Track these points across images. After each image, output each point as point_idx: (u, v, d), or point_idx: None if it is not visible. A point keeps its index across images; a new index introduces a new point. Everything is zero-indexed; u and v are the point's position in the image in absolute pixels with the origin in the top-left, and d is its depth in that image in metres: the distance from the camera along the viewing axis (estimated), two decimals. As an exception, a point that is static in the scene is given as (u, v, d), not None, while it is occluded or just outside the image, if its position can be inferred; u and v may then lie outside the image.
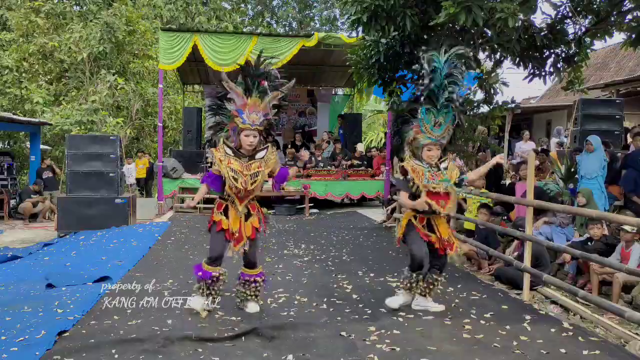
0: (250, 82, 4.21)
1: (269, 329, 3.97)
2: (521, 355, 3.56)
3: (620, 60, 16.74)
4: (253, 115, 4.17)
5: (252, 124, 4.17)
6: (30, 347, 3.58)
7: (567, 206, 6.12)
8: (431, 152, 4.30)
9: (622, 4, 6.45)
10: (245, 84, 4.21)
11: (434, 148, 4.29)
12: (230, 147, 4.26)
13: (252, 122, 4.17)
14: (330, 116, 16.72)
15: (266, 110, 4.24)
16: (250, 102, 4.17)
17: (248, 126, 4.17)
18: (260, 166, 4.24)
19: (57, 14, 16.68)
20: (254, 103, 4.18)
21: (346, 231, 9.05)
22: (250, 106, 4.17)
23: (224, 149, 4.23)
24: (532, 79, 7.03)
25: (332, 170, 12.15)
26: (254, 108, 4.18)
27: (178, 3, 20.64)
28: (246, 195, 4.27)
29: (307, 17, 29.11)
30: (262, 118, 4.22)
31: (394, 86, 7.37)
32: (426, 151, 4.30)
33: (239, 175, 4.15)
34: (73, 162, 9.26)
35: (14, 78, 14.84)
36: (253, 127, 4.18)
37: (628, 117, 12.21)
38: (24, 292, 5.14)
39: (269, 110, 4.26)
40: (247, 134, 4.19)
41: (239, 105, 4.18)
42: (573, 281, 5.61)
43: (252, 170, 4.20)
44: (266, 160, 4.28)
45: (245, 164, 4.20)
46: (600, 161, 7.18)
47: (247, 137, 4.19)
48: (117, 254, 6.80)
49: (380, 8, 6.17)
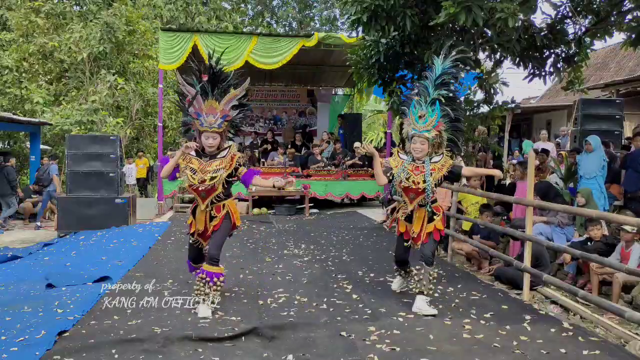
0: (205, 84, 4.31)
1: (269, 329, 3.97)
2: (521, 355, 3.56)
3: (620, 60, 16.74)
4: (210, 118, 4.28)
5: (210, 126, 4.29)
6: (30, 347, 3.58)
7: (567, 206, 6.12)
8: (415, 145, 4.42)
9: (622, 4, 6.45)
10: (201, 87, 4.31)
11: (418, 141, 4.41)
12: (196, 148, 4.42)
13: (210, 124, 4.29)
14: (330, 116, 16.72)
15: (225, 111, 4.32)
16: (206, 105, 4.29)
17: (206, 129, 4.30)
18: (222, 164, 4.34)
19: (57, 14, 16.67)
20: (210, 106, 4.29)
21: (346, 231, 9.05)
22: (207, 109, 4.29)
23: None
24: (532, 79, 7.03)
25: (332, 170, 12.15)
26: (211, 111, 4.29)
27: (178, 3, 20.63)
28: (207, 193, 4.33)
29: (307, 17, 29.10)
30: (220, 120, 4.30)
31: (394, 86, 7.37)
32: (412, 144, 4.47)
33: (196, 173, 4.30)
34: (73, 162, 9.26)
35: (14, 78, 14.83)
36: (211, 130, 4.30)
37: (628, 117, 12.20)
38: (24, 292, 5.14)
39: (227, 111, 4.34)
40: (207, 136, 4.33)
41: (197, 108, 4.31)
42: (573, 281, 5.61)
43: (213, 168, 4.31)
44: (228, 158, 4.37)
45: (205, 163, 4.34)
46: (599, 161, 7.18)
47: (206, 140, 4.34)
48: (117, 254, 6.80)
49: (380, 8, 6.17)
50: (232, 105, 4.37)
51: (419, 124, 4.41)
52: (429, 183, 4.38)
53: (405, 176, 4.44)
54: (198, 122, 4.33)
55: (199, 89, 4.31)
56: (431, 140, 4.41)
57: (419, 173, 4.42)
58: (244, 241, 7.95)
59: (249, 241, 7.97)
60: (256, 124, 15.96)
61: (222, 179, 4.32)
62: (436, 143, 4.48)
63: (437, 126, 4.40)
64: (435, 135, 4.42)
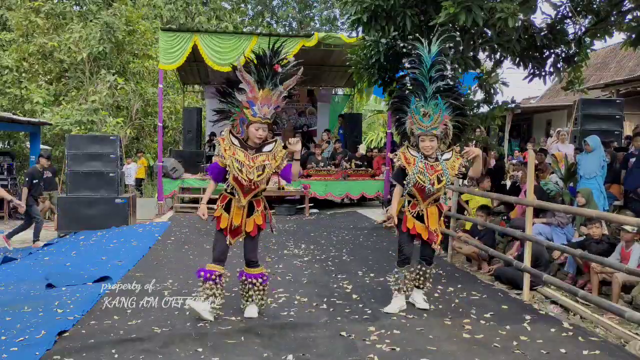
0: (264, 73, 4.07)
1: (269, 329, 3.98)
2: (521, 355, 3.56)
3: (620, 60, 16.74)
4: (265, 108, 4.07)
5: (264, 117, 4.07)
6: (30, 347, 3.58)
7: (567, 206, 6.12)
8: (424, 142, 4.31)
9: (622, 4, 6.45)
10: (258, 75, 4.07)
11: (426, 139, 4.30)
12: (237, 137, 4.15)
13: (264, 115, 4.07)
14: (330, 116, 16.73)
15: (277, 102, 4.14)
16: (262, 95, 4.06)
17: (259, 119, 4.06)
18: (268, 159, 4.12)
19: (57, 14, 16.69)
20: (266, 95, 4.06)
21: (346, 231, 9.05)
22: (263, 99, 4.06)
23: (230, 139, 4.13)
24: (532, 79, 7.03)
25: (332, 170, 12.15)
26: (266, 101, 4.07)
27: (178, 3, 20.63)
28: (251, 189, 4.10)
29: (307, 17, 29.11)
30: (273, 111, 4.13)
31: (394, 86, 7.36)
32: (420, 142, 4.35)
33: (244, 167, 4.04)
34: (73, 162, 9.25)
35: (14, 78, 14.84)
36: (264, 120, 4.08)
37: (628, 117, 12.20)
38: (24, 292, 5.14)
39: (280, 102, 4.16)
40: (257, 127, 4.08)
41: (250, 96, 4.06)
42: (573, 281, 5.61)
43: (258, 163, 4.08)
44: (274, 154, 4.16)
45: (252, 156, 4.09)
46: (599, 161, 7.19)
47: (257, 130, 4.08)
48: (117, 254, 6.80)
49: (380, 8, 6.17)
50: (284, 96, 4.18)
51: (424, 123, 4.30)
52: (448, 181, 4.30)
53: (420, 175, 4.29)
54: (250, 112, 4.04)
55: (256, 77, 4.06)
56: (440, 135, 4.34)
57: (433, 172, 4.29)
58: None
59: (249, 241, 7.96)
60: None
61: (269, 175, 4.15)
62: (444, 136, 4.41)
63: (443, 121, 4.32)
64: (442, 130, 4.34)
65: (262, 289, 4.31)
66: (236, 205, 4.15)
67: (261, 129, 4.09)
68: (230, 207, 4.16)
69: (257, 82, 4.06)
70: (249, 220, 4.20)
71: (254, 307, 4.32)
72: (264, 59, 4.07)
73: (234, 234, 4.24)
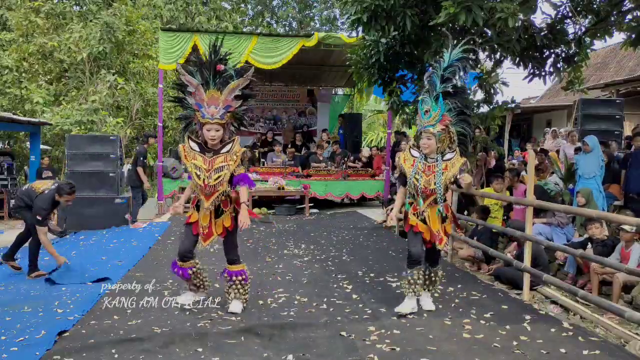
0: (206, 73, 4.11)
1: (268, 329, 3.98)
2: (521, 355, 3.56)
3: (620, 60, 16.76)
4: (212, 109, 4.08)
5: (212, 118, 4.08)
6: (30, 347, 3.58)
7: (567, 206, 6.13)
8: (423, 140, 4.30)
9: (622, 4, 6.45)
10: (201, 77, 4.12)
11: (424, 136, 4.29)
12: (197, 142, 4.22)
13: (212, 115, 4.08)
14: (330, 116, 16.73)
15: (227, 102, 4.12)
16: (208, 95, 4.10)
17: (208, 120, 4.09)
18: (226, 160, 4.14)
19: (57, 14, 16.67)
20: (211, 96, 4.09)
21: (346, 231, 9.05)
22: (209, 99, 4.09)
23: (189, 145, 4.22)
24: (532, 79, 7.03)
25: (332, 170, 12.16)
26: (213, 101, 4.09)
27: (178, 3, 20.62)
28: (212, 192, 4.14)
29: (307, 17, 29.10)
30: (223, 111, 4.10)
31: (394, 86, 7.37)
32: (420, 140, 4.35)
33: (201, 172, 4.10)
34: (73, 162, 9.25)
35: (14, 78, 14.82)
36: (213, 121, 4.09)
37: (628, 117, 12.20)
38: (24, 292, 5.14)
39: (230, 101, 4.14)
40: (209, 128, 4.11)
41: (198, 99, 4.12)
42: (573, 281, 5.61)
43: (216, 165, 4.12)
44: (232, 154, 4.16)
45: (209, 159, 4.14)
46: (597, 161, 7.19)
47: (208, 132, 4.12)
48: (117, 254, 6.80)
49: (380, 8, 6.17)
50: (235, 96, 4.17)
51: (424, 119, 4.31)
52: (438, 185, 4.24)
53: (417, 176, 4.30)
54: (199, 114, 4.12)
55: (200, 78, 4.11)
56: (438, 135, 4.26)
57: (430, 173, 4.28)
58: (244, 241, 7.95)
59: (249, 241, 7.96)
60: (256, 124, 15.96)
61: (227, 177, 4.14)
62: (445, 138, 4.31)
63: (443, 120, 4.25)
64: (442, 130, 4.26)
65: (242, 285, 4.37)
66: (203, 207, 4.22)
67: (213, 130, 4.10)
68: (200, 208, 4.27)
69: (203, 83, 4.10)
70: (217, 221, 4.25)
71: (238, 302, 4.38)
72: (203, 60, 4.13)
73: (205, 237, 4.28)
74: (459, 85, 4.34)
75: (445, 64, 4.33)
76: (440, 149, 4.32)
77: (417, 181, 4.28)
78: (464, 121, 4.39)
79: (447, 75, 4.31)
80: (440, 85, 4.29)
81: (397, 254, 7.07)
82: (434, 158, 4.32)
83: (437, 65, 4.39)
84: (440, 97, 4.24)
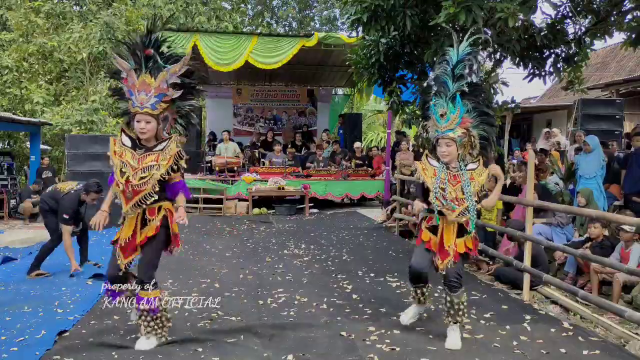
0: (139, 57, 3.53)
1: (268, 329, 3.98)
2: (521, 355, 3.56)
3: (620, 60, 16.76)
4: (142, 96, 3.46)
5: (141, 106, 3.46)
6: (30, 347, 3.58)
7: (567, 206, 6.12)
8: (441, 148, 3.76)
9: (622, 4, 6.44)
10: (134, 60, 3.54)
11: (443, 143, 3.74)
12: (130, 136, 3.62)
13: (141, 103, 3.46)
14: (330, 116, 16.75)
15: (161, 89, 3.48)
16: (139, 81, 3.48)
17: (137, 109, 3.48)
18: (157, 160, 3.50)
19: (57, 14, 16.67)
20: (143, 81, 3.47)
21: (346, 231, 9.05)
22: (140, 85, 3.47)
23: (121, 140, 3.61)
24: (532, 79, 7.02)
25: (332, 170, 12.16)
26: (144, 87, 3.46)
27: (178, 3, 20.61)
28: (134, 193, 3.50)
29: (307, 17, 29.11)
30: (155, 99, 3.47)
31: (394, 86, 7.36)
32: (438, 147, 3.80)
33: (127, 169, 3.49)
34: (73, 162, 9.24)
35: (14, 78, 14.82)
36: (142, 110, 3.46)
37: (628, 117, 12.20)
38: (24, 292, 5.14)
39: (165, 89, 3.50)
40: (138, 119, 3.49)
41: (129, 85, 3.51)
42: (573, 281, 5.61)
43: (145, 164, 3.50)
44: (165, 153, 3.53)
45: (139, 157, 3.52)
46: (598, 161, 7.19)
47: (137, 123, 3.50)
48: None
49: (380, 8, 6.16)
50: (174, 84, 3.53)
51: (440, 124, 3.74)
52: (468, 195, 3.67)
53: (442, 186, 3.73)
54: (130, 103, 3.51)
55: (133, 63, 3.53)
56: (459, 141, 3.72)
57: (456, 183, 3.72)
58: (244, 241, 7.95)
59: (249, 241, 7.97)
60: (256, 124, 15.97)
61: (155, 178, 3.48)
62: (467, 144, 3.77)
63: (463, 123, 3.71)
64: (463, 134, 3.73)
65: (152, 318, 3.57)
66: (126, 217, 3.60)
67: (143, 122, 3.49)
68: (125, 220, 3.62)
69: (135, 68, 3.53)
70: (143, 231, 3.62)
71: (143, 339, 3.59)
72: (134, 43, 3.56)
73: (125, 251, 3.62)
74: (474, 81, 3.79)
75: (455, 61, 3.80)
76: (461, 156, 3.80)
77: (444, 191, 3.72)
78: (485, 122, 3.84)
79: (459, 73, 3.77)
80: (454, 84, 3.77)
81: (397, 254, 7.07)
82: (457, 168, 3.79)
83: (444, 65, 3.87)
84: (457, 97, 3.71)
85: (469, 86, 3.77)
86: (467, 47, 3.81)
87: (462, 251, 3.74)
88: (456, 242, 3.75)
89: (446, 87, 3.80)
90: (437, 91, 3.85)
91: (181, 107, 3.66)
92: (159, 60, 3.54)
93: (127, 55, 3.56)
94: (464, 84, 3.75)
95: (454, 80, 3.78)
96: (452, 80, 3.79)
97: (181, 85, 3.58)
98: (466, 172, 3.75)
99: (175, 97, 3.56)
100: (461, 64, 3.78)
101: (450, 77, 3.80)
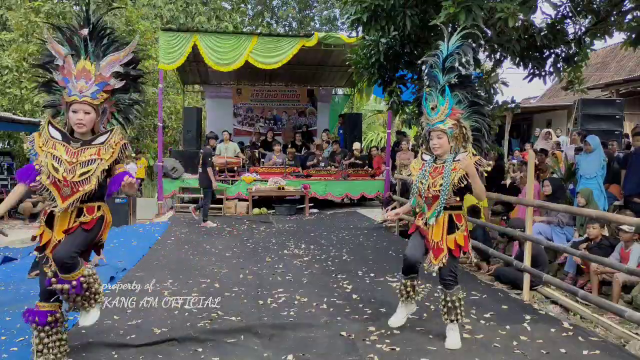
0: (77, 40, 3.20)
1: (268, 329, 3.98)
2: (521, 355, 3.56)
3: (620, 60, 16.76)
4: (81, 83, 3.12)
5: (80, 95, 3.10)
6: (30, 347, 3.57)
7: (567, 206, 6.12)
8: (433, 140, 3.76)
9: (622, 4, 6.44)
10: (70, 46, 3.20)
11: (434, 136, 3.74)
12: (60, 129, 3.22)
13: (80, 91, 3.10)
14: (330, 116, 16.75)
15: (103, 78, 3.17)
16: (78, 68, 3.14)
17: (75, 98, 3.10)
18: (98, 153, 3.14)
19: (57, 14, 16.67)
20: (82, 68, 3.14)
21: (346, 231, 9.05)
22: (78, 72, 3.13)
23: (49, 132, 3.19)
24: (532, 79, 7.02)
25: (332, 170, 12.16)
26: (83, 73, 3.13)
27: (178, 3, 20.65)
28: (72, 191, 3.09)
29: (307, 17, 29.13)
30: (96, 88, 3.14)
31: (394, 86, 7.36)
32: (430, 140, 3.80)
33: (62, 164, 3.09)
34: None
35: (14, 78, 14.83)
36: (81, 99, 3.10)
37: (628, 117, 12.20)
38: (24, 292, 5.14)
39: (107, 78, 3.18)
40: (75, 109, 3.11)
41: (65, 72, 3.15)
42: (573, 281, 5.61)
43: (83, 158, 3.12)
44: (108, 146, 3.17)
45: (75, 150, 3.13)
46: (599, 161, 7.19)
47: (74, 114, 3.12)
48: (117, 254, 6.79)
49: (380, 8, 6.16)
50: (116, 73, 3.22)
51: (431, 117, 3.76)
52: (444, 187, 3.65)
53: (423, 180, 3.77)
54: (66, 92, 3.13)
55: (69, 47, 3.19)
56: (450, 133, 3.69)
57: (437, 175, 3.74)
58: (244, 241, 7.96)
59: (249, 241, 7.97)
60: (256, 124, 15.97)
61: (98, 173, 3.11)
62: (458, 135, 3.73)
63: (453, 114, 3.70)
64: (453, 126, 3.70)
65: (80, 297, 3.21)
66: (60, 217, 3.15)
67: (81, 112, 3.11)
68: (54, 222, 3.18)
69: (73, 53, 3.20)
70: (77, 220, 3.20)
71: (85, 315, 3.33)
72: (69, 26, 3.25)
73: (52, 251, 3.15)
74: (463, 73, 3.77)
75: (445, 55, 3.80)
76: (455, 149, 3.75)
77: (422, 184, 3.78)
78: (477, 113, 3.82)
79: (449, 65, 3.76)
80: (444, 76, 3.77)
81: (397, 254, 7.07)
82: (444, 160, 3.76)
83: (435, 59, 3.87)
84: (447, 89, 3.72)
85: (459, 78, 3.76)
86: (457, 41, 3.81)
87: (452, 247, 3.70)
88: (447, 238, 3.72)
89: (436, 80, 3.82)
90: (429, 85, 3.88)
91: (120, 100, 3.33)
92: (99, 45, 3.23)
93: (62, 40, 3.23)
94: (453, 76, 3.74)
95: (444, 73, 3.78)
96: (442, 73, 3.79)
97: (124, 75, 3.27)
98: (452, 163, 3.72)
99: (115, 88, 3.25)
100: (451, 57, 3.78)
101: (441, 70, 3.80)
